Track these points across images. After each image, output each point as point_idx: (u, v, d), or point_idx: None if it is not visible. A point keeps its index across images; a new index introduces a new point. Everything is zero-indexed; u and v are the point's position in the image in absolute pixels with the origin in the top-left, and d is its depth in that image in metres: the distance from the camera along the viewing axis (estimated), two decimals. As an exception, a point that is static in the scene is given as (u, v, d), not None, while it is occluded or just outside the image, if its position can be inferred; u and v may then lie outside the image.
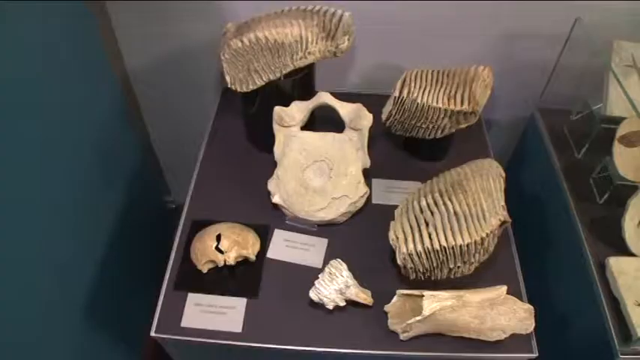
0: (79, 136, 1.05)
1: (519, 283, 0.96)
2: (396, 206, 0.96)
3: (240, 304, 0.92)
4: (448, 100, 1.00)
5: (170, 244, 1.01)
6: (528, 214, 1.19)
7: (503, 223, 0.90)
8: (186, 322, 0.90)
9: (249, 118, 1.14)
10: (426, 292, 0.85)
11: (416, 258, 0.88)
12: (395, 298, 0.89)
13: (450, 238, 0.86)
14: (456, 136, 1.12)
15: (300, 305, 0.92)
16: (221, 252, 0.94)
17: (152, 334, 0.89)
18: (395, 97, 1.03)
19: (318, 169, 1.00)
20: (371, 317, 0.91)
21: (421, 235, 0.88)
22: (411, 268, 0.91)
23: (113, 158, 1.21)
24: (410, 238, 0.88)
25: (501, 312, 0.85)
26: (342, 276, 0.89)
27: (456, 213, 0.88)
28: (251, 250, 0.96)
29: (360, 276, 0.92)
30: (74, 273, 1.06)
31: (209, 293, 0.94)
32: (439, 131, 1.06)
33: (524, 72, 1.24)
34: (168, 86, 1.37)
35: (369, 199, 1.05)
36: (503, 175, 0.95)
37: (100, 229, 1.17)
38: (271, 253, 0.99)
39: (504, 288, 0.86)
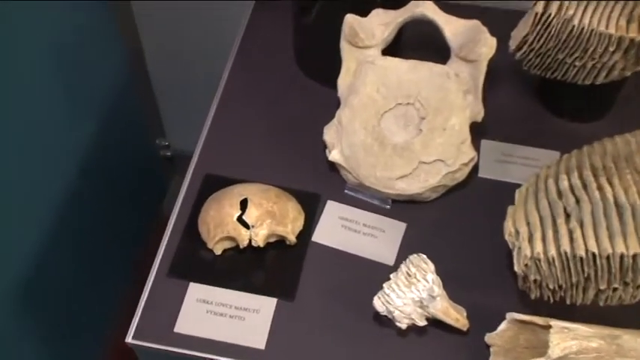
0: (41, 39, 1.09)
1: None
2: (517, 185, 0.94)
3: (266, 306, 0.92)
4: (627, 22, 0.95)
5: (162, 208, 1.03)
6: None
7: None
8: (182, 325, 0.90)
9: (303, 32, 1.14)
10: (556, 322, 0.81)
11: (545, 266, 0.84)
12: (504, 325, 0.86)
13: (606, 242, 0.81)
14: (628, 85, 1.09)
15: (357, 318, 0.91)
16: (246, 226, 0.93)
17: (128, 340, 0.89)
18: (536, 15, 0.98)
19: (402, 117, 0.99)
20: (464, 348, 0.89)
21: (557, 233, 0.84)
22: (536, 281, 0.86)
23: (88, 75, 1.25)
24: (538, 235, 0.84)
25: (686, 374, 0.80)
26: (425, 280, 0.86)
27: (618, 204, 0.83)
28: (290, 228, 0.95)
29: (452, 284, 0.90)
30: (15, 239, 1.10)
31: (221, 286, 0.93)
32: (602, 73, 1.01)
33: None
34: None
35: (474, 169, 1.03)
36: None
37: (62, 178, 1.21)
38: (319, 236, 0.99)
39: (693, 334, 0.81)
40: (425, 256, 0.88)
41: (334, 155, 1.00)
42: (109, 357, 1.43)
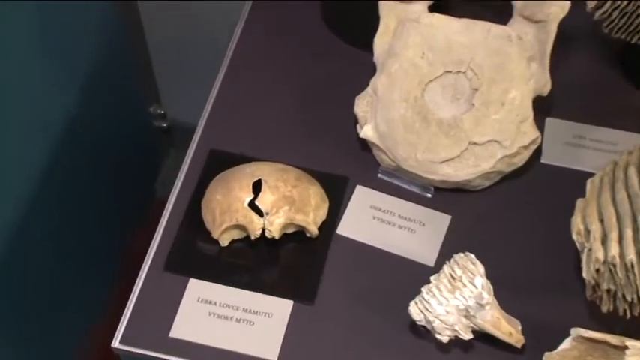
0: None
1: None
2: (589, 174, 0.94)
3: (281, 310, 0.92)
4: None
5: (154, 188, 1.02)
6: None
7: None
8: (179, 330, 0.90)
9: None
10: (633, 343, 0.79)
11: (621, 273, 0.82)
12: (567, 343, 0.84)
13: (699, 247, 0.79)
14: None
15: (388, 327, 0.91)
16: (259, 213, 0.93)
17: (115, 344, 0.89)
18: (622, -36, 0.97)
19: (451, 87, 0.99)
20: (517, 369, 0.89)
21: (638, 233, 0.82)
22: (609, 290, 0.85)
23: (73, 29, 1.26)
24: (614, 235, 0.83)
25: None
26: (473, 285, 0.85)
27: None
28: (312, 218, 0.95)
29: (505, 291, 0.90)
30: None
31: (227, 284, 0.93)
32: None
33: None
34: None
35: (537, 153, 1.03)
36: None
37: (36, 152, 1.21)
38: (346, 228, 0.99)
39: None
40: (473, 255, 0.87)
41: (367, 132, 0.99)
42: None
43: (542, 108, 1.03)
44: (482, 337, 0.87)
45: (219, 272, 0.93)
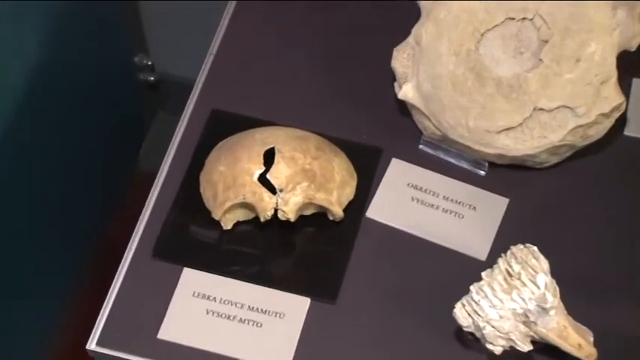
0: None
1: None
2: None
3: (295, 309, 0.92)
4: None
5: (138, 158, 1.01)
6: None
7: None
8: (169, 330, 0.90)
9: None
10: None
11: None
12: None
13: None
14: None
15: (428, 333, 0.91)
16: (272, 190, 0.93)
17: (90, 346, 0.89)
18: None
19: (514, 39, 0.99)
20: (589, 391, 0.85)
21: None
22: None
23: None
24: None
25: None
26: (534, 284, 0.85)
27: None
28: (335, 197, 0.95)
29: (574, 293, 0.89)
30: None
31: (230, 276, 0.94)
32: None
33: None
34: None
35: (620, 122, 1.02)
36: None
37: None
38: (378, 210, 0.99)
39: None
40: (535, 248, 0.86)
41: (407, 92, 1.00)
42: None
43: (629, 66, 1.02)
44: (544, 349, 0.87)
45: (220, 261, 0.94)
